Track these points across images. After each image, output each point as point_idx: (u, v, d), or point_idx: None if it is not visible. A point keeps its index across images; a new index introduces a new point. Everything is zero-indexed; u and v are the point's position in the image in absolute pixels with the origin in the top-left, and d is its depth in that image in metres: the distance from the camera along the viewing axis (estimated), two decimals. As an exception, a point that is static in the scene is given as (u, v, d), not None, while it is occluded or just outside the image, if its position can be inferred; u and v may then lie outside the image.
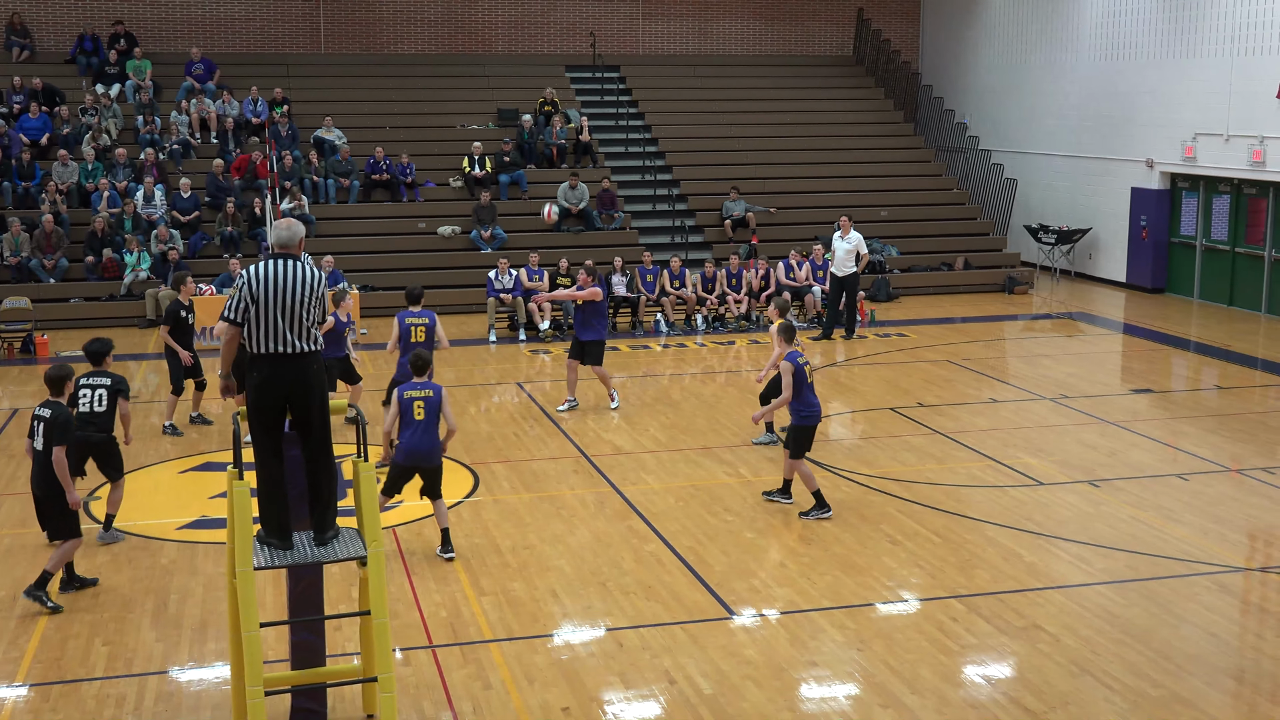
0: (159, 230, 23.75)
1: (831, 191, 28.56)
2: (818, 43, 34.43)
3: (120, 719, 8.55)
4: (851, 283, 21.92)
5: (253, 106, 27.68)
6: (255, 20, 31.05)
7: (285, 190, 25.19)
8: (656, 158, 29.28)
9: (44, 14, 29.87)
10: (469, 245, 25.76)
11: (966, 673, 9.25)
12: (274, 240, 8.12)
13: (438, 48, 32.04)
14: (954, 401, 17.41)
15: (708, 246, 26.73)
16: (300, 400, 7.96)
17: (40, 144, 25.99)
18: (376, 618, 7.70)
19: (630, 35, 33.20)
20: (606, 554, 11.59)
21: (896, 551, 11.68)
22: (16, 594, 10.64)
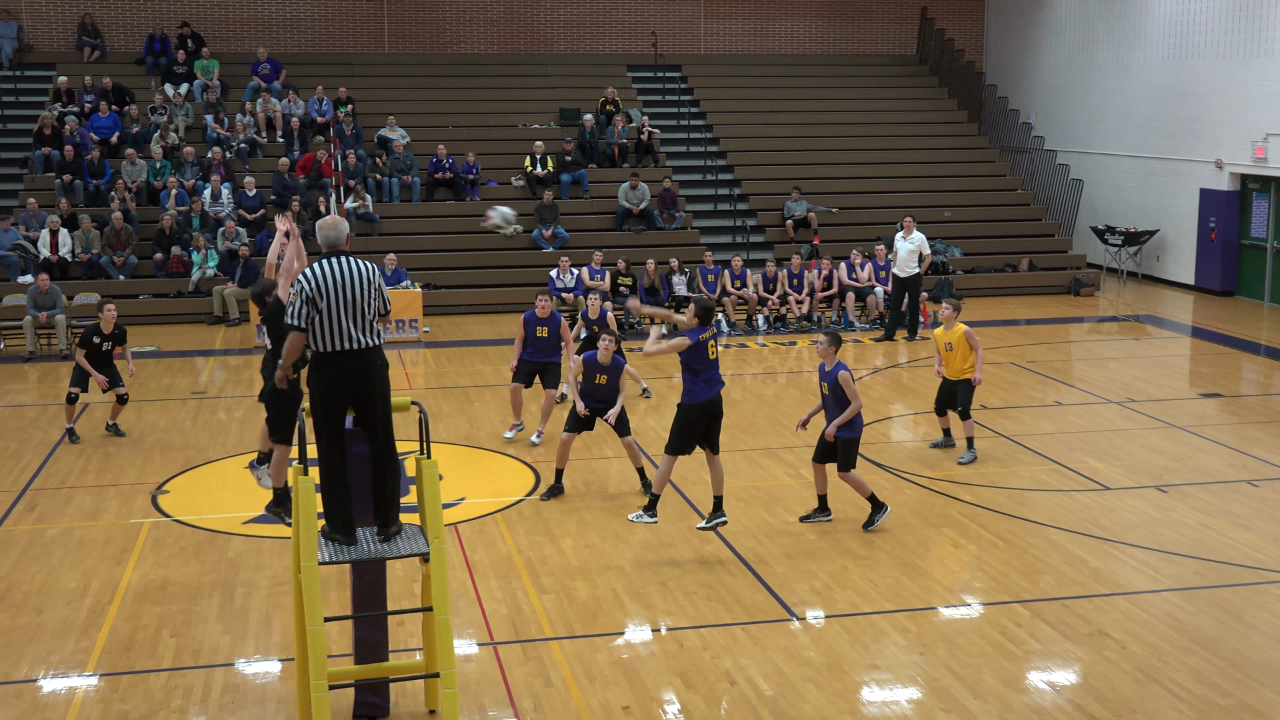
0: (226, 228, 24.05)
1: (894, 192, 28.39)
2: (880, 42, 34.23)
3: (187, 709, 8.67)
4: (914, 284, 21.78)
5: (318, 106, 27.95)
6: (320, 20, 31.35)
7: (349, 189, 25.41)
8: (718, 157, 29.24)
9: (114, 15, 30.33)
10: (530, 244, 25.85)
11: (1030, 678, 9.15)
12: (323, 240, 8.18)
13: (500, 47, 32.19)
14: (1018, 404, 17.25)
15: (769, 246, 26.66)
16: (365, 395, 8.04)
17: (110, 142, 26.40)
18: (439, 614, 7.75)
19: (692, 34, 33.18)
20: (667, 553, 11.59)
21: (959, 555, 11.59)
22: (88, 585, 10.82)
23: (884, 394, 18.14)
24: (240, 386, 18.69)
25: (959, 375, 14.39)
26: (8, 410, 17.29)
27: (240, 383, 18.96)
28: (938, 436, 15.16)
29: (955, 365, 14.41)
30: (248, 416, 16.67)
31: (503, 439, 15.38)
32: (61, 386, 18.23)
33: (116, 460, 14.69)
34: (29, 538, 12.04)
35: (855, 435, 12.18)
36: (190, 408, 17.20)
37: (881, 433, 15.91)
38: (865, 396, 17.65)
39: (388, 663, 8.75)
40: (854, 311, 23.22)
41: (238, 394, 18.20)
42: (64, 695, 8.88)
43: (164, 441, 15.43)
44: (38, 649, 9.59)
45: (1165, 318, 24.14)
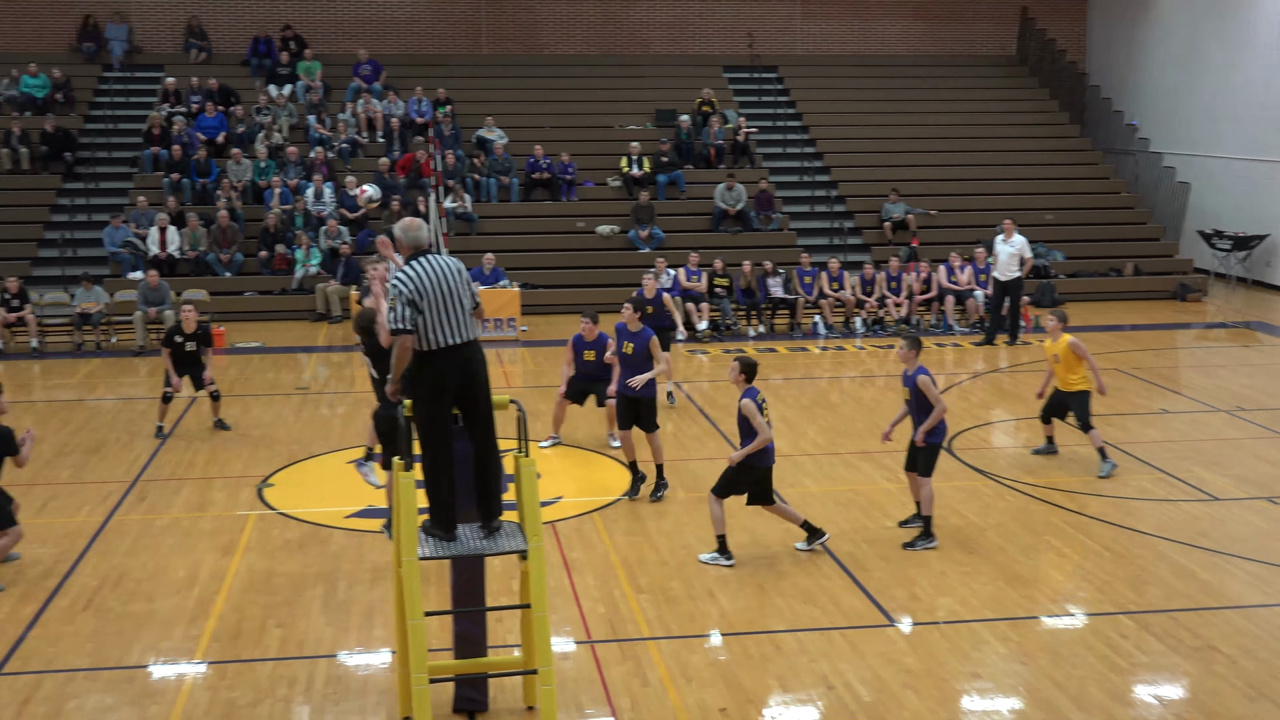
0: (328, 226, 24.42)
1: (994, 194, 28.03)
2: (980, 43, 33.81)
3: (292, 699, 8.81)
4: (1015, 287, 21.49)
5: (417, 106, 28.27)
6: (419, 22, 31.71)
7: (448, 188, 25.68)
8: (814, 159, 29.10)
9: (220, 17, 30.95)
10: (627, 245, 25.92)
11: (1137, 692, 8.98)
12: (409, 242, 8.22)
13: (596, 48, 32.32)
14: (1123, 411, 16.93)
15: (866, 249, 26.48)
16: (470, 387, 8.13)
17: (216, 142, 26.95)
18: (536, 611, 7.80)
19: (788, 35, 33.05)
20: (764, 556, 11.55)
21: (1063, 564, 11.41)
22: (197, 574, 11.05)
23: (984, 399, 17.91)
24: (342, 383, 18.97)
25: (1069, 387, 14.13)
26: (119, 403, 17.73)
27: (342, 379, 19.24)
28: (1040, 443, 14.92)
29: (1064, 377, 14.16)
30: (350, 412, 16.92)
31: (601, 442, 15.42)
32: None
33: (223, 453, 14.98)
34: (140, 527, 12.33)
35: (937, 441, 11.91)
36: (294, 403, 17.50)
37: (982, 438, 15.73)
38: (965, 401, 17.49)
39: (487, 658, 8.83)
40: (953, 315, 22.97)
41: (340, 390, 18.48)
42: (173, 682, 9.08)
43: (268, 436, 15.71)
44: (148, 636, 9.82)
45: (1276, 324, 23.54)
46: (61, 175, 26.48)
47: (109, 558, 11.48)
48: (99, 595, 10.61)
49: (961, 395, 18.02)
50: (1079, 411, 14.08)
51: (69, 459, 14.69)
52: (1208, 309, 25.29)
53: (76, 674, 9.16)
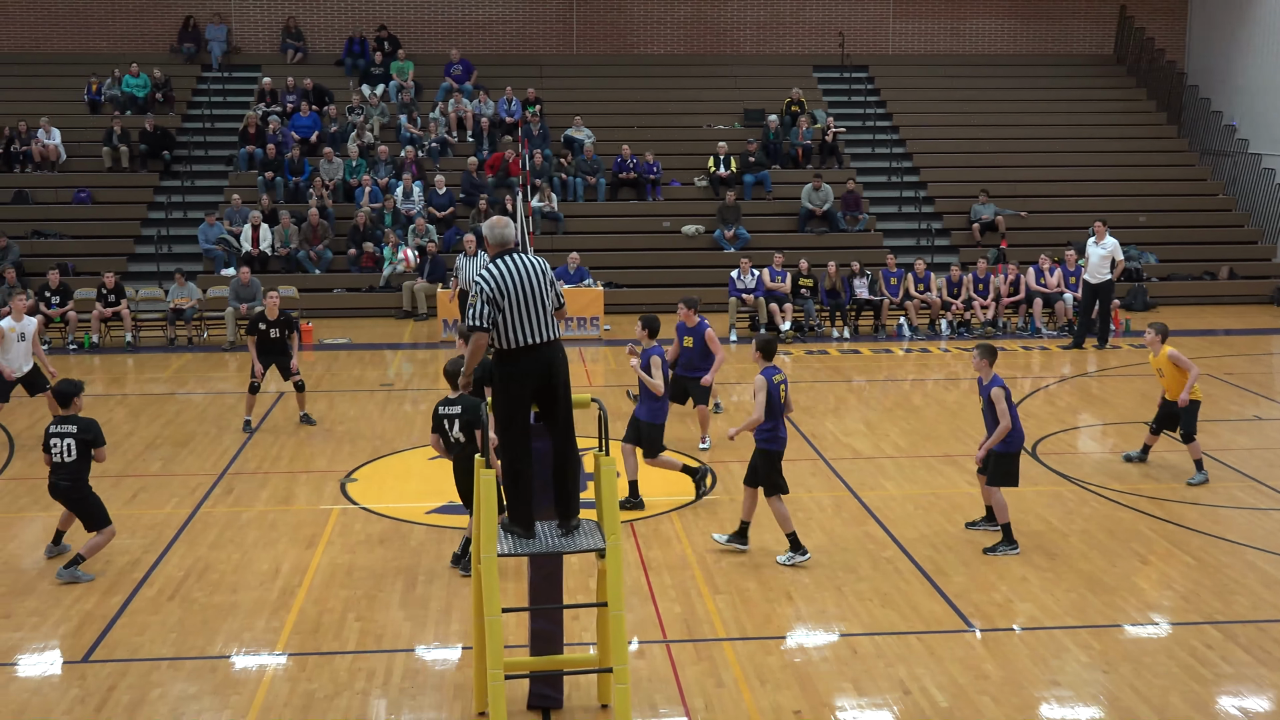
0: (416, 225, 24.70)
1: (1086, 196, 27.59)
2: (1076, 42, 33.27)
3: (370, 691, 8.93)
4: (1105, 290, 21.13)
5: (507, 106, 28.49)
6: (511, 22, 31.94)
7: (535, 187, 25.85)
8: (903, 159, 28.85)
9: (316, 18, 31.43)
10: (712, 245, 25.90)
11: (1221, 704, 8.79)
12: (495, 240, 8.29)
13: (686, 48, 32.32)
14: (1214, 418, 16.55)
15: (954, 250, 26.19)
16: (549, 387, 8.16)
17: (310, 141, 27.37)
18: (613, 609, 7.82)
19: (880, 35, 32.78)
20: (842, 558, 11.48)
21: (1147, 571, 11.20)
22: (280, 567, 11.24)
23: (1071, 403, 17.64)
24: (426, 380, 19.17)
25: (1174, 396, 13.84)
26: (209, 397, 18.09)
27: (426, 376, 19.45)
28: (1128, 449, 14.65)
29: (1171, 388, 13.87)
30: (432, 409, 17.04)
31: (681, 440, 15.41)
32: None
33: (308, 448, 15.23)
34: (226, 520, 12.58)
35: (1008, 450, 11.66)
36: (379, 399, 17.73)
37: (1067, 443, 15.49)
38: (1051, 406, 17.25)
39: (562, 655, 8.87)
40: (1041, 318, 22.65)
41: (424, 387, 18.67)
42: (255, 672, 9.24)
43: (353, 431, 15.93)
44: (231, 626, 10.01)
45: (1377, 331, 22.93)
46: (159, 173, 27.09)
47: (195, 549, 11.72)
48: (184, 586, 10.84)
49: (1048, 399, 17.76)
50: (1186, 421, 13.76)
51: (159, 452, 15.01)
52: (1307, 314, 24.69)
53: (161, 663, 9.37)
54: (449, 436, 11.06)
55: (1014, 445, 11.69)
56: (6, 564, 11.34)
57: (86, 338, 21.58)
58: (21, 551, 11.64)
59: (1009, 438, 11.60)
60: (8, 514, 12.78)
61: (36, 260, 24.14)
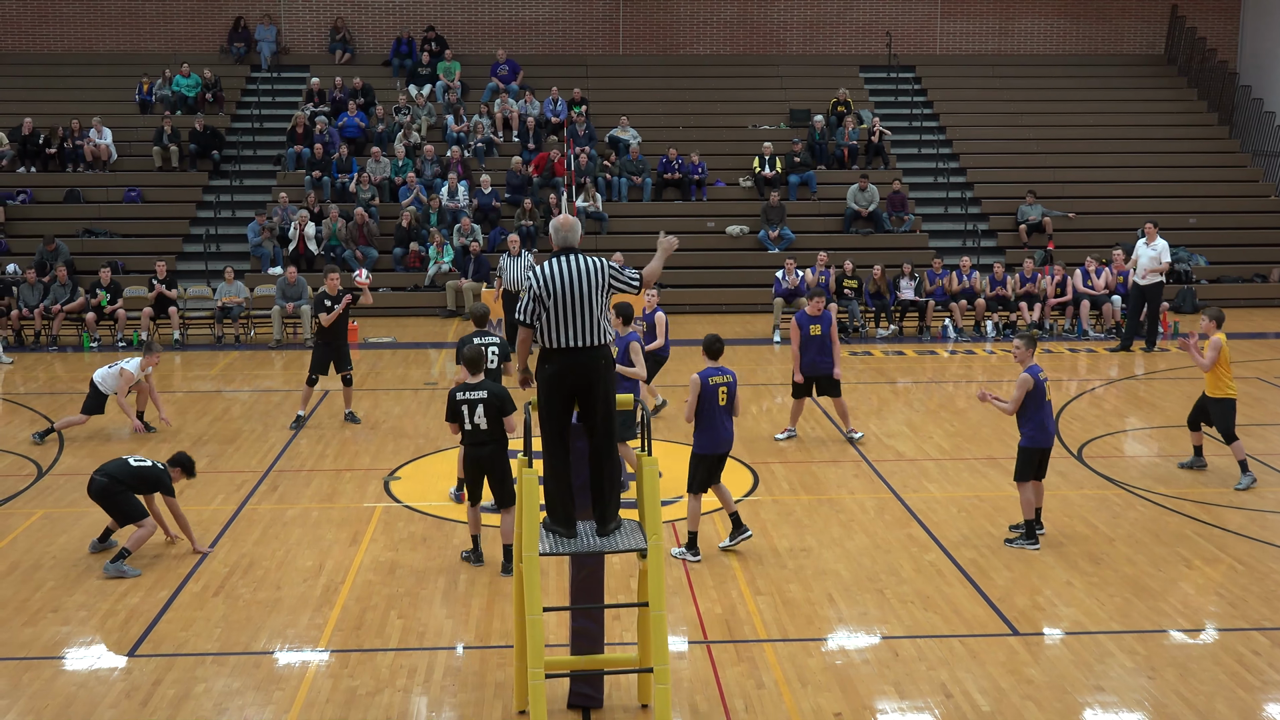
0: (461, 224, 24.80)
1: (1135, 197, 27.33)
2: (1126, 41, 32.95)
3: (411, 689, 8.98)
4: (1155, 292, 20.91)
5: (553, 106, 28.56)
6: (558, 23, 32.01)
7: (580, 187, 25.89)
8: (950, 159, 28.68)
9: (365, 19, 31.64)
10: (756, 245, 25.86)
11: (1268, 711, 8.69)
12: (557, 240, 8.34)
13: (732, 48, 32.27)
14: (1263, 422, 16.38)
15: (1000, 251, 26.01)
16: (588, 392, 8.17)
17: (357, 141, 27.55)
18: (654, 609, 7.82)
19: (927, 35, 32.61)
20: (885, 560, 11.43)
21: (1194, 577, 11.08)
22: (323, 564, 11.33)
23: (1117, 406, 17.48)
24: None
25: (1212, 392, 13.67)
26: (255, 395, 18.24)
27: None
28: (1174, 452, 14.49)
29: (1209, 380, 13.69)
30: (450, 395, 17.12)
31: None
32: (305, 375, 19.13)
33: (353, 446, 15.33)
34: (270, 516, 12.69)
35: (1030, 445, 11.62)
36: (422, 398, 17.81)
37: (1115, 447, 15.35)
38: (1097, 409, 17.13)
39: (603, 655, 8.88)
40: (1088, 320, 22.45)
41: (468, 386, 18.72)
42: (298, 668, 9.32)
43: (397, 429, 16.02)
44: (275, 622, 10.09)
45: None
46: (208, 173, 27.35)
47: (240, 545, 11.83)
48: (229, 582, 10.94)
49: (1094, 402, 17.61)
50: (1220, 420, 13.60)
51: (205, 448, 15.16)
52: (1360, 317, 24.34)
53: (205, 658, 9.46)
54: (467, 422, 11.03)
55: (1036, 441, 11.63)
56: (56, 559, 11.48)
57: (135, 335, 21.83)
58: (70, 546, 11.79)
59: (1032, 433, 11.58)
60: (57, 508, 12.95)
61: (87, 259, 24.43)
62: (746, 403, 17.20)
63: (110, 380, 15.25)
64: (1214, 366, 13.51)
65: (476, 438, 11.04)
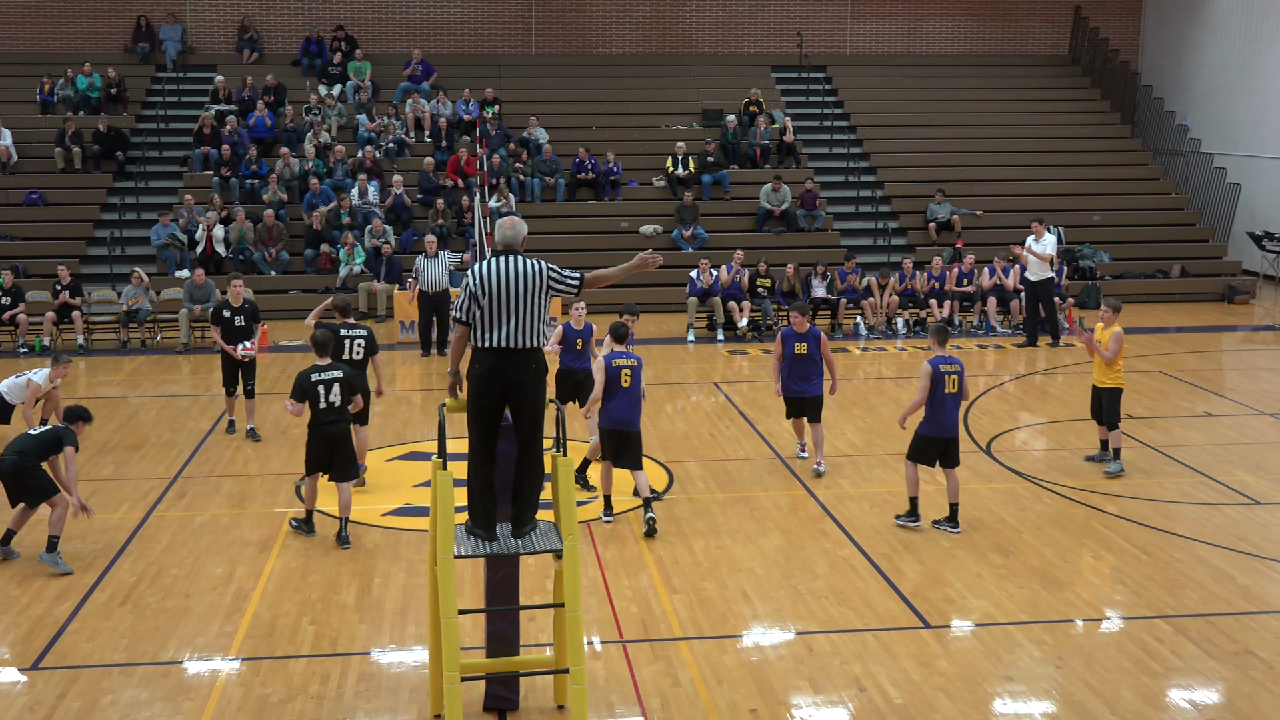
0: (373, 225, 24.57)
1: (1041, 195, 27.79)
2: (1032, 42, 33.53)
3: (324, 695, 8.89)
4: (1045, 288, 21.28)
5: (465, 106, 28.41)
6: (469, 23, 31.86)
7: (493, 188, 25.79)
8: (861, 159, 28.98)
9: (273, 18, 31.24)
10: (670, 244, 25.92)
11: (1171, 697, 8.89)
12: (499, 239, 8.30)
13: (645, 48, 32.34)
14: (1165, 414, 16.76)
15: (911, 249, 26.33)
16: (518, 395, 8.12)
17: (266, 141, 27.19)
18: (570, 610, 7.82)
19: (838, 35, 32.92)
20: (799, 557, 11.52)
21: (1099, 567, 11.31)
22: (233, 571, 11.17)
23: (1024, 401, 17.78)
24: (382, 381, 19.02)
25: (1102, 381, 13.91)
26: (162, 400, 17.94)
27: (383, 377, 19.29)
28: (1081, 445, 14.76)
29: (1099, 370, 13.96)
30: (388, 411, 17.02)
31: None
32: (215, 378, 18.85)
33: (263, 451, 15.12)
34: (179, 524, 12.48)
35: (923, 432, 12.15)
36: (335, 401, 17.59)
37: (1022, 441, 15.61)
38: (1004, 403, 17.41)
39: (519, 657, 8.86)
40: (995, 317, 22.80)
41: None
42: (207, 678, 9.18)
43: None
44: (184, 631, 9.93)
45: (1326, 327, 23.25)
46: (113, 174, 26.83)
47: (147, 554, 11.63)
48: (137, 591, 10.75)
49: (1002, 397, 17.90)
50: (1108, 407, 13.87)
51: (111, 455, 14.87)
52: (1255, 311, 24.97)
53: (112, 669, 9.28)
54: (322, 401, 11.71)
55: (927, 429, 12.10)
56: (-44, 570, 11.21)
57: (38, 340, 21.35)
58: (-29, 557, 11.51)
59: (926, 420, 12.07)
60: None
61: (-12, 262, 23.83)
62: (661, 402, 17.25)
63: (17, 391, 14.89)
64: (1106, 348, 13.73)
65: (330, 416, 11.79)
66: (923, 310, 22.90)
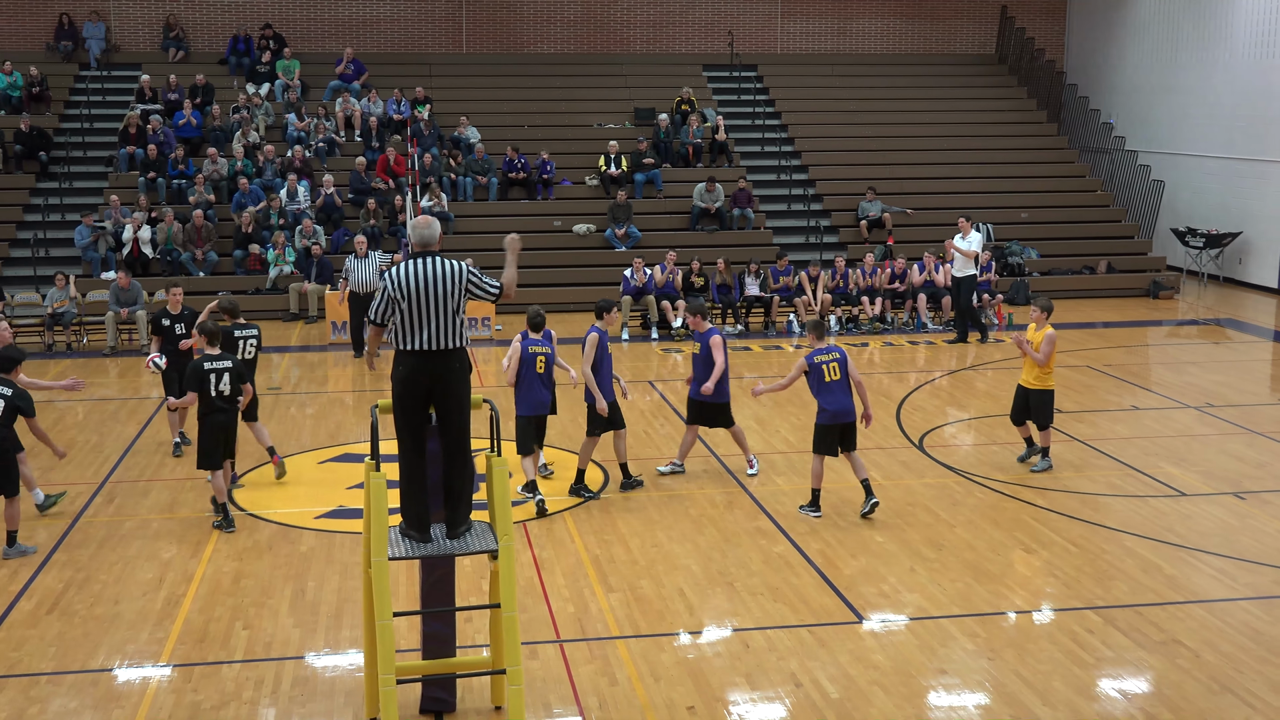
0: (303, 226, 24.34)
1: (970, 193, 28.10)
2: (959, 41, 33.90)
3: (258, 701, 8.79)
4: (969, 285, 21.53)
5: (396, 105, 28.22)
6: (399, 21, 31.65)
7: (425, 187, 25.64)
8: (792, 157, 29.13)
9: (199, 16, 30.84)
10: (603, 244, 25.92)
11: (1101, 686, 9.03)
12: (415, 239, 8.27)
13: (576, 47, 32.30)
14: (1093, 408, 17.01)
15: (843, 247, 26.51)
16: (441, 396, 8.10)
17: (193, 141, 26.84)
18: (506, 611, 7.80)
19: (768, 34, 33.08)
20: (734, 554, 11.57)
21: (1030, 560, 11.45)
22: (164, 576, 11.01)
23: (955, 396, 17.97)
24: (314, 383, 18.92)
25: (1032, 384, 13.99)
26: (90, 404, 17.64)
27: (314, 379, 19.19)
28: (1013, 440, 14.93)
29: (1029, 373, 14.08)
30: (321, 413, 16.89)
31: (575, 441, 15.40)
32: (142, 380, 18.61)
33: (192, 455, 14.86)
34: (107, 529, 12.29)
35: (819, 421, 12.54)
36: (266, 404, 17.39)
37: (954, 436, 15.78)
38: (935, 399, 17.60)
39: (455, 658, 8.82)
40: (926, 313, 23.01)
41: (311, 390, 18.43)
42: (138, 685, 9.04)
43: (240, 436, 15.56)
44: (114, 639, 9.78)
45: (1247, 321, 23.68)
46: (36, 174, 26.36)
47: (75, 560, 11.44)
48: (64, 598, 10.57)
49: (934, 393, 18.08)
50: (1039, 410, 13.97)
51: (37, 460, 14.54)
52: (1180, 306, 25.42)
53: (40, 678, 9.12)
54: (213, 390, 12.02)
55: (821, 418, 12.52)
56: (-124, 580, 10.97)
57: (-40, 345, 20.91)
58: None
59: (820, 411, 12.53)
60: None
61: (-94, 265, 23.36)
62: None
63: None
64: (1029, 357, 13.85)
65: (220, 404, 12.13)
66: (855, 307, 23.05)
